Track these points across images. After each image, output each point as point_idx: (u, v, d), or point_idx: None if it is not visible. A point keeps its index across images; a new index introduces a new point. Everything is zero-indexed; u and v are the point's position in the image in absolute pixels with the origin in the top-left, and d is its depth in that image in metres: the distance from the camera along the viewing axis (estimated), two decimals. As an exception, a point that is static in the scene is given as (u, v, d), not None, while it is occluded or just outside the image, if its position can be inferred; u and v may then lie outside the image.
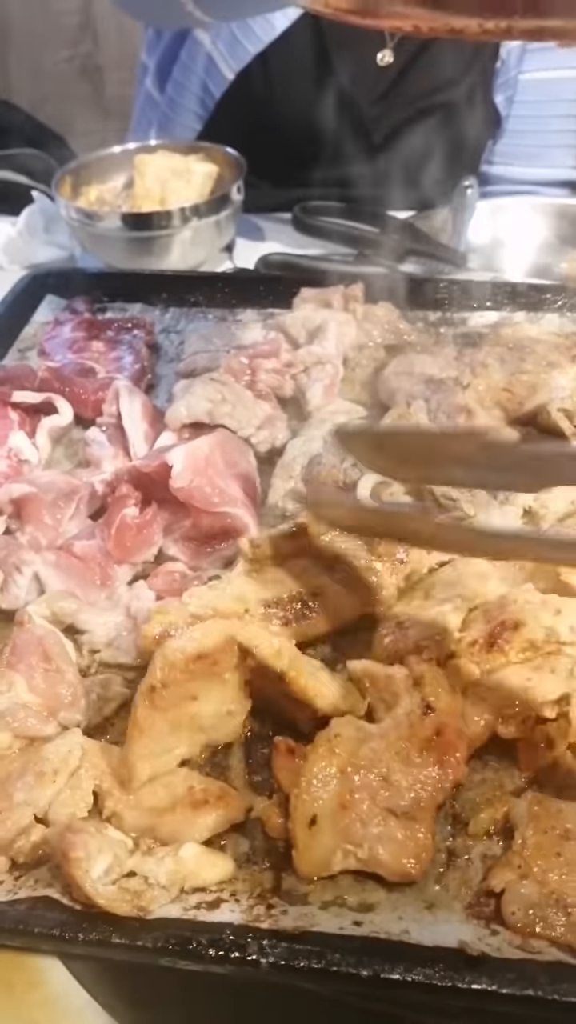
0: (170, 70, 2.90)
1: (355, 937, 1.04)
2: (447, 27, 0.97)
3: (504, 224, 2.50)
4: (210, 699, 1.20)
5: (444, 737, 1.13)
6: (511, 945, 1.03)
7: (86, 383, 1.79)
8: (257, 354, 1.75)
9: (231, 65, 2.75)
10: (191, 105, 2.87)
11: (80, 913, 1.07)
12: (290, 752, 1.17)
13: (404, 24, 1.00)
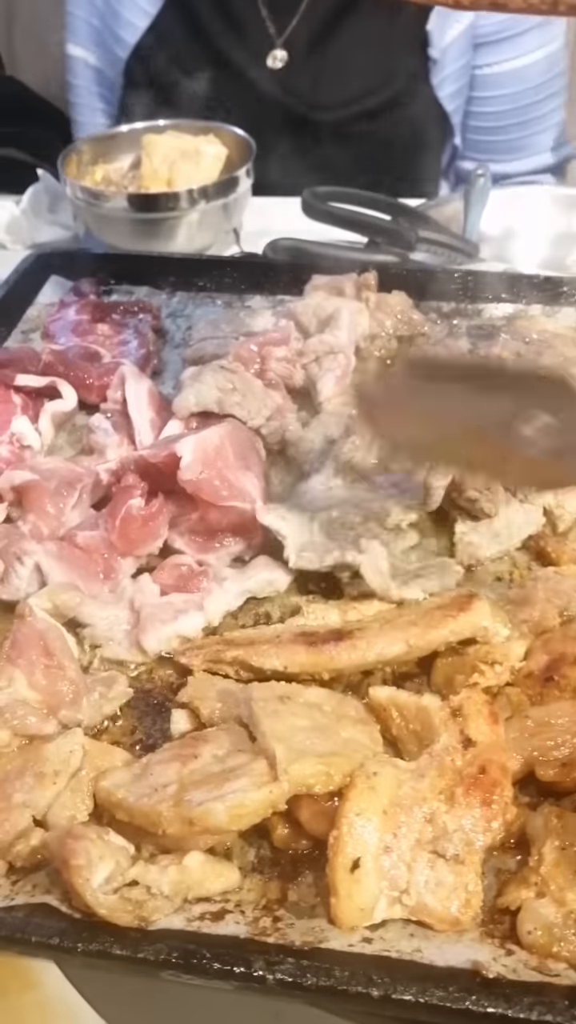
0: None
1: (365, 955, 1.00)
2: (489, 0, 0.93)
3: (517, 214, 2.47)
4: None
5: (488, 775, 1.07)
6: (527, 967, 0.99)
7: (91, 367, 1.75)
8: (267, 342, 1.70)
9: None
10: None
11: (79, 922, 1.03)
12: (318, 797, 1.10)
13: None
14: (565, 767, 1.13)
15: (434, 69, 2.80)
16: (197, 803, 1.04)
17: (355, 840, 1.03)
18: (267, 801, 1.04)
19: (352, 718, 1.18)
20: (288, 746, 1.07)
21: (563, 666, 1.20)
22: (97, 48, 2.95)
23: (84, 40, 2.96)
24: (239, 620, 1.39)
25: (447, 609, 1.24)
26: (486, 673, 1.21)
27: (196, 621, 1.34)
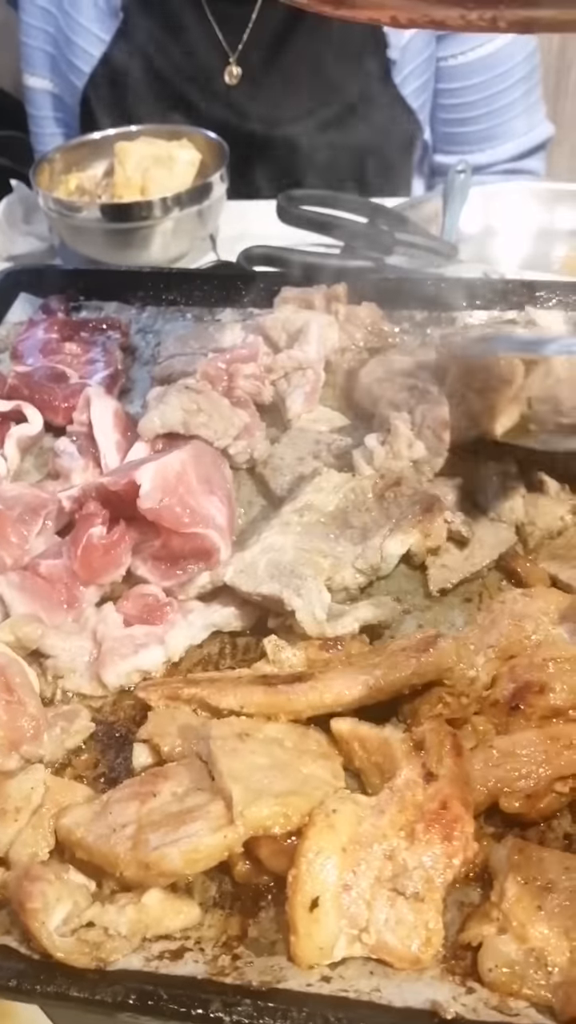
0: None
1: (323, 995, 0.99)
2: (427, 18, 0.92)
3: (497, 211, 2.43)
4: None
5: (450, 811, 1.06)
6: (487, 1006, 0.98)
7: (56, 390, 1.73)
8: (235, 359, 1.68)
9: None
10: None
11: (38, 963, 1.02)
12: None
13: (381, 15, 0.95)
14: (530, 799, 1.12)
15: (395, 69, 2.77)
16: (153, 847, 1.04)
17: (314, 879, 1.02)
18: (222, 845, 1.03)
19: (313, 752, 1.17)
20: (245, 786, 1.06)
21: (528, 695, 1.19)
22: (54, 76, 2.95)
23: (41, 69, 2.96)
24: (204, 649, 1.38)
25: (411, 651, 1.21)
26: (451, 704, 1.20)
27: (156, 655, 1.34)
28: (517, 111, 2.95)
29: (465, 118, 2.96)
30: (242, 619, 1.38)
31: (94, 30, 2.78)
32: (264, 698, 1.20)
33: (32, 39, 2.91)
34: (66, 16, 2.79)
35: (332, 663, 1.27)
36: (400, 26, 0.97)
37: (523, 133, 2.98)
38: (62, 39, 2.83)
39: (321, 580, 1.36)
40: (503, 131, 2.97)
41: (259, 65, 2.77)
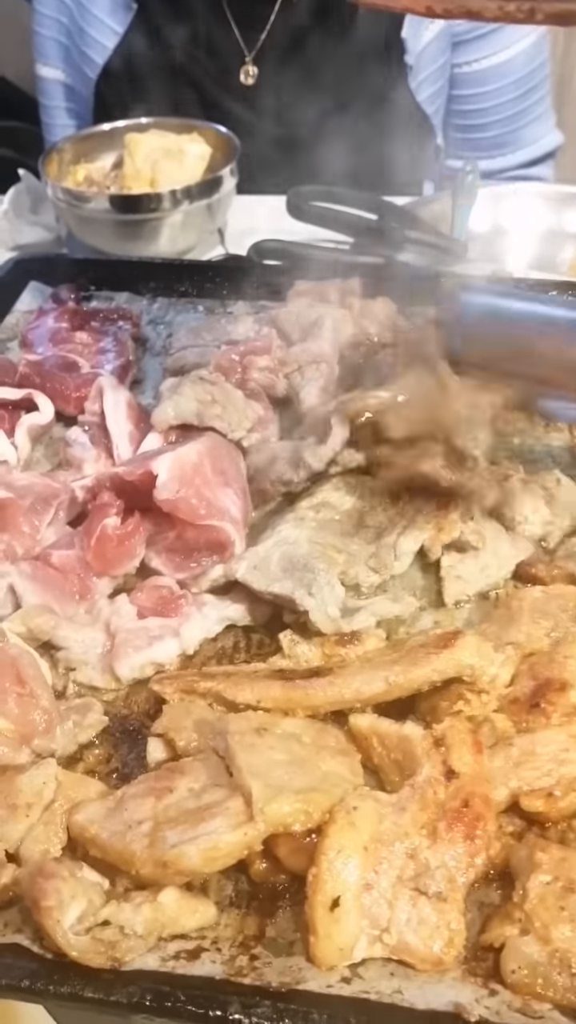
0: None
1: (343, 997, 0.97)
2: (463, 9, 0.93)
3: (506, 212, 2.44)
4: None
5: (472, 808, 1.04)
6: (511, 1008, 0.96)
7: (68, 379, 1.71)
8: (249, 351, 1.66)
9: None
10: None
11: (51, 963, 1.00)
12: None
13: (416, 5, 0.95)
14: (551, 798, 1.09)
15: (411, 74, 2.77)
16: (171, 844, 1.02)
17: (335, 878, 1.00)
18: (242, 843, 1.01)
19: (332, 748, 1.15)
20: (265, 783, 1.04)
21: (549, 692, 1.17)
22: (67, 66, 2.93)
23: (54, 59, 2.94)
24: (218, 642, 1.36)
25: (430, 647, 1.19)
26: (471, 701, 1.18)
27: (171, 648, 1.31)
28: (528, 119, 2.96)
29: (477, 124, 2.97)
30: (257, 613, 1.36)
31: (108, 22, 2.76)
32: (281, 693, 1.18)
33: (46, 29, 2.89)
34: (80, 7, 2.77)
35: (349, 659, 1.25)
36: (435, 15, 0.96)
37: (533, 141, 3.00)
38: (75, 30, 2.81)
39: (335, 574, 1.34)
40: (514, 138, 2.98)
41: (276, 65, 2.75)
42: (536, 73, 2.89)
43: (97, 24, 2.77)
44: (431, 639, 1.21)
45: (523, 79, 2.87)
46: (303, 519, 1.43)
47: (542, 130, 2.99)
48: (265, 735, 1.13)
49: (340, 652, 1.26)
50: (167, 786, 1.10)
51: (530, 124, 2.95)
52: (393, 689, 1.17)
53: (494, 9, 0.89)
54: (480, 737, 1.12)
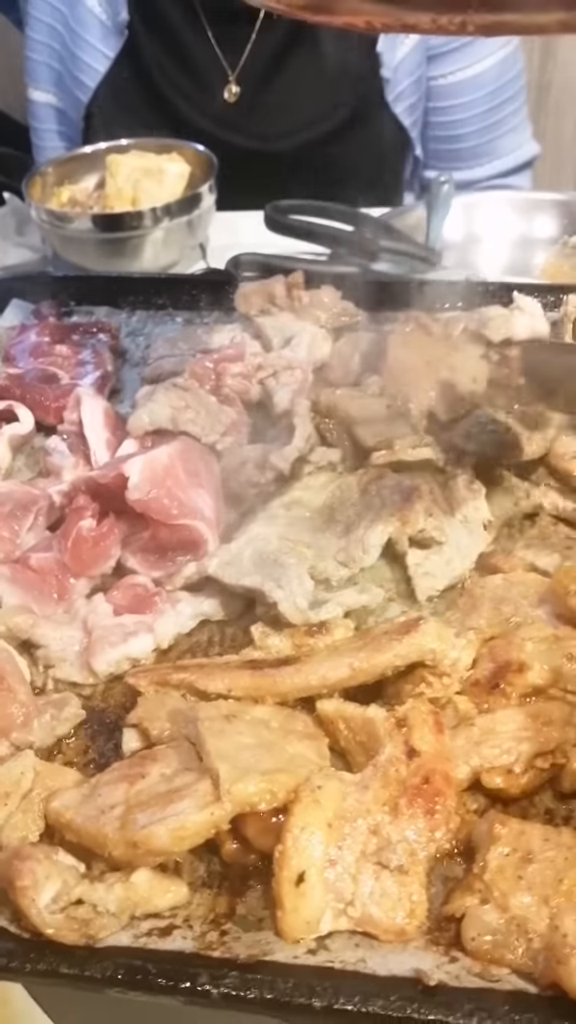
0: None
1: (310, 966, 1.01)
2: (400, 23, 0.95)
3: (479, 220, 2.49)
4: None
5: (432, 784, 1.08)
6: (470, 973, 1.00)
7: (48, 390, 1.76)
8: (223, 358, 1.71)
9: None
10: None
11: (28, 941, 1.04)
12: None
13: (357, 20, 0.97)
14: (511, 774, 1.14)
15: (387, 87, 2.83)
16: (141, 826, 1.06)
17: (300, 854, 1.04)
18: (209, 822, 1.05)
19: (299, 733, 1.19)
20: (232, 765, 1.08)
21: (508, 673, 1.21)
22: (58, 90, 2.99)
23: (45, 84, 3.00)
24: (193, 637, 1.41)
25: (393, 633, 1.23)
26: (433, 684, 1.21)
27: (146, 643, 1.36)
28: (504, 129, 3.02)
29: (455, 135, 3.02)
30: (229, 608, 1.41)
31: (99, 47, 2.83)
32: (251, 681, 1.22)
33: (38, 54, 2.95)
34: (72, 33, 2.84)
35: (318, 648, 1.29)
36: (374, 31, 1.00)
37: (510, 151, 3.05)
38: (67, 55, 2.88)
39: (304, 568, 1.38)
40: (491, 148, 3.03)
41: (257, 84, 2.83)
42: (510, 85, 2.94)
43: (89, 49, 2.84)
44: (394, 626, 1.25)
45: (497, 91, 2.92)
46: (275, 517, 1.48)
47: (518, 140, 3.04)
48: (234, 721, 1.17)
49: (309, 642, 1.30)
50: (140, 772, 1.14)
51: (506, 135, 3.00)
52: (357, 674, 1.21)
53: (428, 23, 0.92)
54: (442, 718, 1.16)
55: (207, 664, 1.29)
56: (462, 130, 2.99)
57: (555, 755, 1.15)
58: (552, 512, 1.52)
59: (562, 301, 1.90)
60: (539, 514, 1.52)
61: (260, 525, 1.45)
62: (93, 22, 2.82)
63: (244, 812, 1.07)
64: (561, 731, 1.16)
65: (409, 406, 1.64)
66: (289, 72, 2.82)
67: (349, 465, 1.59)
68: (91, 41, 2.83)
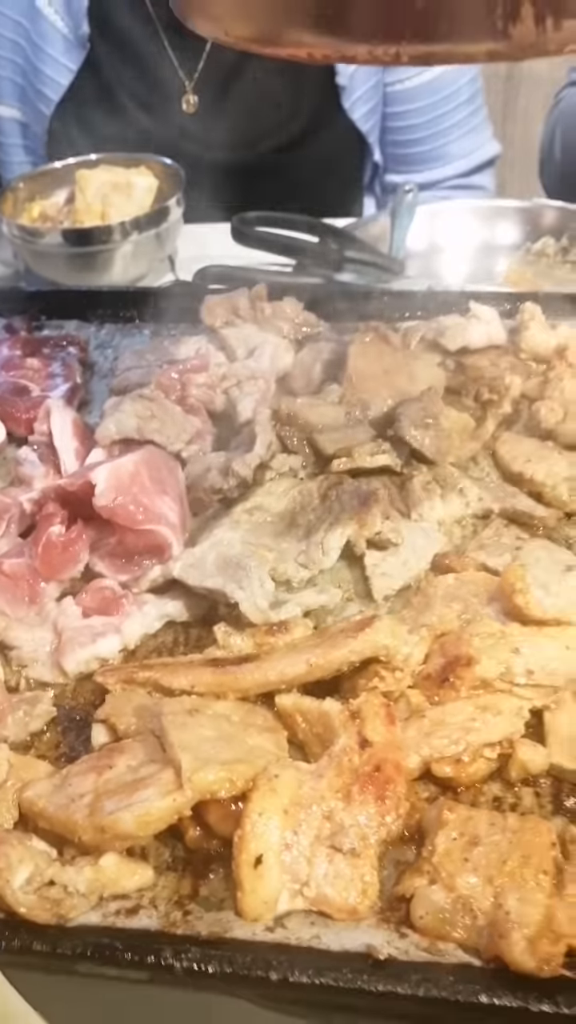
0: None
1: (267, 943, 1.07)
2: (339, 54, 1.01)
3: (442, 229, 2.55)
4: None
5: (383, 772, 1.15)
6: (418, 948, 1.06)
7: (19, 402, 1.82)
8: (188, 369, 1.78)
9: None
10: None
11: (2, 922, 1.10)
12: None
13: (299, 52, 1.03)
14: (459, 763, 1.20)
15: (344, 94, 2.90)
16: (108, 812, 1.12)
17: (258, 838, 1.10)
18: (172, 808, 1.12)
19: (259, 726, 1.25)
20: (194, 755, 1.14)
21: (458, 668, 1.27)
22: (22, 104, 3.05)
23: (9, 99, 3.05)
24: (158, 638, 1.47)
25: (348, 631, 1.30)
26: (386, 678, 1.28)
27: (113, 644, 1.42)
28: (462, 131, 3.10)
29: (413, 139, 3.09)
30: (193, 609, 1.47)
31: (62, 60, 2.89)
32: (213, 678, 1.29)
33: (2, 70, 3.00)
34: (35, 47, 2.90)
35: (278, 646, 1.36)
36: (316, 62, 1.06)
37: (469, 152, 3.13)
38: (30, 69, 2.94)
39: (265, 570, 1.44)
40: (450, 150, 3.11)
41: (215, 93, 2.89)
42: (466, 87, 3.02)
43: (51, 63, 2.89)
44: (350, 624, 1.32)
45: (453, 94, 3.00)
46: (238, 522, 1.54)
47: (478, 141, 3.12)
48: (196, 715, 1.23)
49: (270, 641, 1.36)
50: (107, 763, 1.20)
51: (465, 136, 3.07)
52: (314, 670, 1.27)
53: (365, 54, 0.98)
54: (394, 711, 1.22)
55: (171, 663, 1.35)
56: (420, 133, 3.06)
57: (502, 745, 1.22)
58: (503, 514, 1.58)
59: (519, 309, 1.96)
60: (491, 516, 1.58)
61: (223, 530, 1.52)
62: (55, 36, 2.88)
63: (205, 799, 1.13)
64: (508, 722, 1.23)
65: (368, 413, 1.71)
66: (246, 81, 2.89)
67: (309, 472, 1.67)
68: (53, 55, 2.89)
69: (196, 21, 1.07)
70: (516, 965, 1.00)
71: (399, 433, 1.64)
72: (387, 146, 3.14)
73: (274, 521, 1.56)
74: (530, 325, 1.90)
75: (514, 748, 1.21)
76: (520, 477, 1.62)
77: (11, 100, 3.05)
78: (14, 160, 3.14)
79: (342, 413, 1.71)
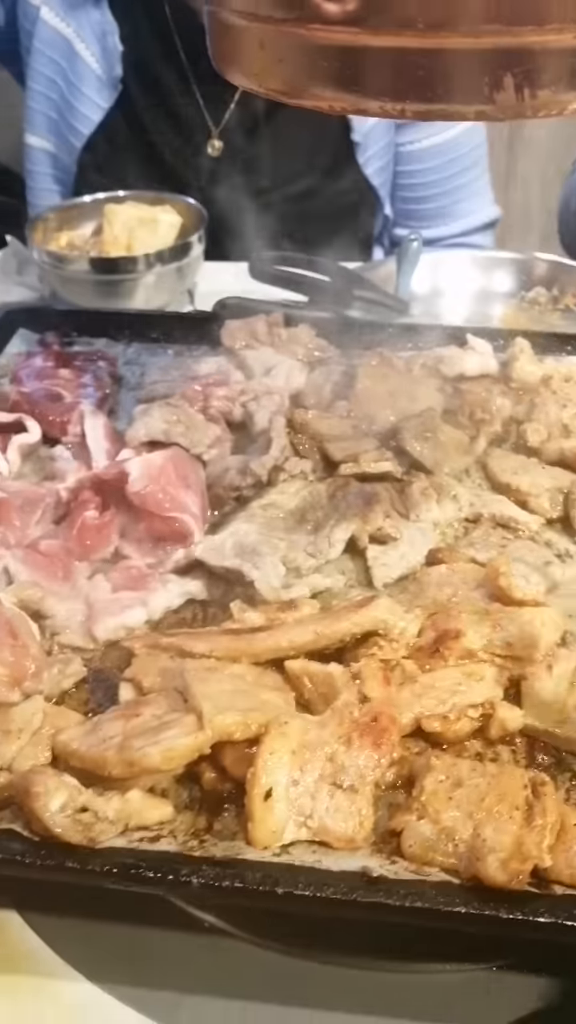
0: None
1: (275, 863, 1.22)
2: (355, 107, 1.15)
3: (444, 275, 2.74)
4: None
5: (379, 723, 1.30)
6: (407, 871, 1.21)
7: (53, 406, 1.98)
8: (210, 383, 1.96)
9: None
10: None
11: (38, 844, 1.23)
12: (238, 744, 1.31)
13: (321, 103, 1.17)
14: (446, 720, 1.35)
15: (359, 150, 3.09)
16: (137, 748, 1.27)
17: (268, 774, 1.24)
18: (194, 745, 1.26)
19: (270, 686, 1.40)
20: (214, 703, 1.30)
21: (447, 640, 1.42)
22: (54, 137, 3.21)
23: (41, 130, 3.22)
24: (179, 613, 1.62)
25: (351, 607, 1.46)
26: (384, 648, 1.43)
27: (139, 615, 1.56)
28: (466, 193, 3.28)
29: (420, 196, 3.28)
30: (212, 589, 1.62)
31: (95, 98, 3.06)
32: (229, 643, 1.44)
33: (36, 103, 3.17)
34: (70, 85, 3.07)
35: (287, 621, 1.51)
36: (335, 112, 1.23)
37: (472, 213, 3.30)
38: (64, 105, 3.10)
39: (278, 556, 1.60)
40: (454, 210, 3.29)
41: (239, 141, 3.08)
42: (472, 153, 3.21)
43: (85, 100, 3.07)
44: (353, 602, 1.48)
45: (459, 158, 3.19)
46: (253, 516, 1.71)
47: (480, 204, 3.30)
48: (215, 672, 1.39)
49: (280, 616, 1.51)
50: (134, 713, 1.35)
51: (468, 198, 3.26)
52: (320, 639, 1.43)
53: (377, 108, 1.14)
54: (389, 672, 1.38)
55: (192, 632, 1.51)
56: (427, 192, 3.25)
57: (484, 707, 1.37)
58: (490, 519, 1.75)
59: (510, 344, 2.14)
60: (480, 520, 1.75)
61: (240, 521, 1.68)
62: (90, 75, 3.05)
63: (222, 741, 1.28)
64: (490, 687, 1.38)
65: (372, 427, 1.88)
66: (268, 132, 3.08)
67: (319, 475, 1.83)
68: (87, 93, 3.07)
69: (233, 74, 1.22)
70: (490, 880, 1.15)
71: (401, 444, 1.81)
72: (397, 202, 3.32)
73: (286, 517, 1.72)
74: (520, 357, 2.07)
75: (494, 709, 1.37)
76: (508, 487, 1.79)
77: (44, 132, 3.21)
78: (42, 188, 3.30)
79: (349, 426, 1.89)
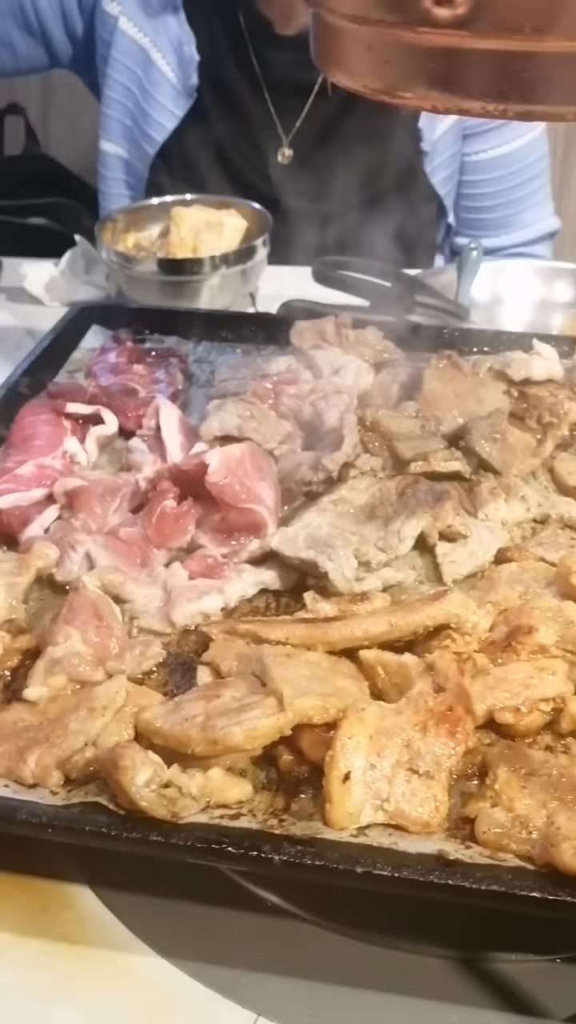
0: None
1: (353, 843, 1.25)
2: (458, 107, 1.19)
3: (504, 284, 2.77)
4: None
5: (455, 712, 1.33)
6: (481, 855, 1.24)
7: (129, 400, 2.03)
8: (280, 381, 1.99)
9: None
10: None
11: (123, 816, 1.27)
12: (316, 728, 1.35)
13: (425, 104, 1.21)
14: (518, 712, 1.39)
15: (426, 159, 3.14)
16: (220, 727, 1.31)
17: (347, 757, 1.28)
18: (275, 726, 1.30)
19: (344, 674, 1.44)
20: (293, 687, 1.33)
21: (519, 635, 1.45)
22: (127, 143, 3.28)
23: (116, 137, 3.28)
24: (253, 602, 1.66)
25: (425, 600, 1.50)
26: (457, 641, 1.47)
27: (216, 602, 1.61)
28: (528, 204, 3.32)
29: (483, 206, 3.33)
30: (285, 579, 1.66)
31: (169, 107, 3.12)
32: (305, 632, 1.48)
33: (112, 111, 3.24)
34: (145, 93, 3.13)
35: (360, 613, 1.55)
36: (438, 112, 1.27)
37: (533, 223, 3.35)
38: (139, 112, 3.17)
39: (350, 549, 1.64)
40: (515, 220, 3.33)
41: (309, 149, 3.14)
42: (535, 165, 3.25)
43: (159, 108, 3.13)
44: (426, 596, 1.52)
45: (523, 169, 3.23)
46: (324, 510, 1.74)
47: (541, 214, 3.34)
48: (292, 658, 1.43)
49: (352, 608, 1.55)
50: (215, 694, 1.39)
51: (530, 209, 3.30)
52: (394, 630, 1.46)
53: (479, 108, 1.18)
54: (462, 665, 1.41)
55: (267, 620, 1.55)
56: (490, 202, 3.29)
57: (555, 701, 1.40)
58: (558, 520, 1.78)
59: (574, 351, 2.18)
60: (548, 520, 1.78)
61: (312, 515, 1.72)
62: (165, 84, 3.11)
63: (301, 724, 1.32)
64: (562, 682, 1.41)
65: (440, 428, 1.92)
66: (338, 141, 3.13)
67: (388, 473, 1.86)
68: (162, 101, 3.13)
69: (337, 75, 1.26)
70: (565, 867, 1.18)
71: (470, 444, 1.84)
72: (460, 211, 3.38)
73: (356, 512, 1.76)
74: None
75: (566, 704, 1.40)
76: (575, 491, 1.82)
77: (118, 138, 3.28)
78: (114, 192, 3.36)
79: (418, 425, 1.92)
